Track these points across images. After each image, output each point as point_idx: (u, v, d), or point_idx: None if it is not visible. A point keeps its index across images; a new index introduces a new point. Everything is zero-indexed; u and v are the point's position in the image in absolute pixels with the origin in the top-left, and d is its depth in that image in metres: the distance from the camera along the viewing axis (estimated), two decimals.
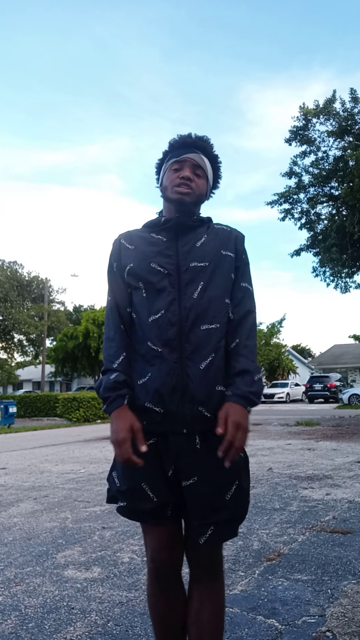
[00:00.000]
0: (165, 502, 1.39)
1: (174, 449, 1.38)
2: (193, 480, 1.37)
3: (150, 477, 1.38)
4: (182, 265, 1.44)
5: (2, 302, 26.31)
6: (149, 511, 1.39)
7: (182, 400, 1.36)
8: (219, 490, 1.38)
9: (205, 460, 1.37)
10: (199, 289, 1.42)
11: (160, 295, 1.42)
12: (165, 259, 1.45)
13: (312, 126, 15.84)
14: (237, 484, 1.40)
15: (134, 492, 1.40)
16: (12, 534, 3.63)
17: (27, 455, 8.45)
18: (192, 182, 1.50)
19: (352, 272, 16.93)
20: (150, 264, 1.44)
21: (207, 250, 1.48)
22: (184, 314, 1.40)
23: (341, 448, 7.82)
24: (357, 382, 37.65)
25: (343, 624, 2.07)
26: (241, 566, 2.80)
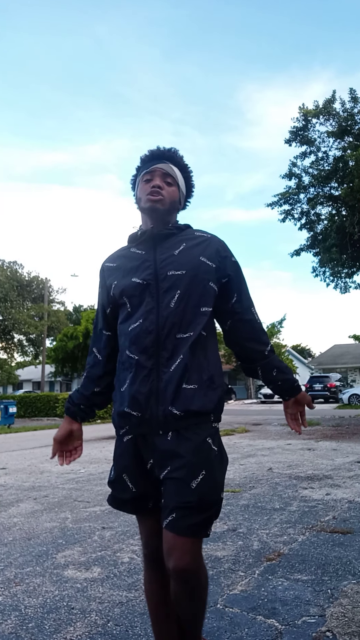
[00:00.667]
0: (143, 493, 1.50)
1: (151, 444, 1.47)
2: (167, 470, 1.43)
3: (130, 469, 1.51)
4: (160, 274, 1.48)
5: (2, 302, 26.30)
6: (129, 501, 1.52)
7: (156, 403, 1.43)
8: (186, 477, 1.39)
9: (175, 450, 1.42)
10: (175, 297, 1.46)
11: (141, 306, 1.48)
12: (145, 270, 1.50)
13: (312, 127, 15.84)
14: (204, 473, 1.40)
15: (117, 482, 1.54)
16: (12, 534, 3.63)
17: (27, 455, 8.45)
18: (163, 189, 1.54)
19: (352, 272, 16.93)
20: (132, 279, 1.51)
21: (185, 258, 1.50)
22: (161, 322, 1.45)
23: (341, 448, 7.82)
24: (357, 382, 37.64)
25: (343, 624, 2.07)
26: (241, 566, 2.80)
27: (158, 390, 1.43)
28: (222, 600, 2.36)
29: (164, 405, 1.42)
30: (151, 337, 1.44)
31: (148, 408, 1.43)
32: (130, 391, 1.46)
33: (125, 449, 1.51)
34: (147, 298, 1.47)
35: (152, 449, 1.47)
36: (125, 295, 1.52)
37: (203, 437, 1.45)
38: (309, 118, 15.65)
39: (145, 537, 1.58)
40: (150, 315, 1.45)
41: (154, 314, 1.45)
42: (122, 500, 1.54)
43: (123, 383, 1.50)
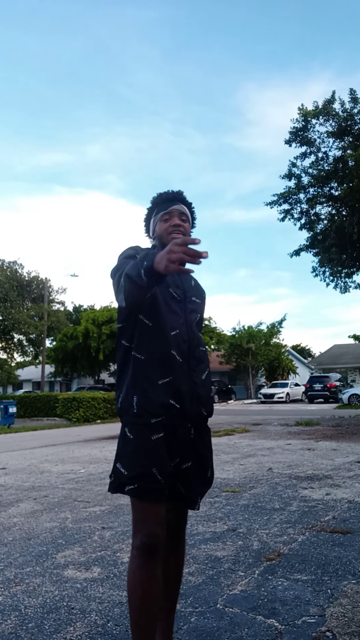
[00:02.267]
0: (166, 484, 1.66)
1: (179, 440, 1.70)
2: (190, 463, 1.73)
3: (160, 463, 1.64)
4: (187, 297, 1.85)
5: (2, 302, 26.27)
6: (156, 490, 1.63)
7: (192, 401, 1.73)
8: (205, 469, 1.81)
9: (196, 447, 1.76)
10: (197, 319, 1.87)
11: (175, 316, 1.76)
12: (177, 289, 1.83)
13: (312, 127, 15.85)
14: (211, 464, 1.85)
15: (144, 476, 1.63)
16: (12, 534, 3.63)
17: (27, 455, 8.45)
18: (181, 227, 1.83)
19: (352, 272, 16.94)
20: (169, 289, 1.79)
21: (197, 291, 1.94)
22: (190, 335, 1.78)
23: (341, 448, 7.82)
24: (356, 382, 37.64)
25: (343, 624, 2.07)
26: (241, 566, 2.81)
27: (194, 391, 1.74)
28: (222, 600, 2.36)
29: (198, 405, 1.75)
30: (186, 345, 1.75)
31: (187, 403, 1.70)
32: (176, 386, 1.68)
33: (155, 445, 1.64)
34: (179, 311, 1.78)
35: (179, 444, 1.69)
36: (162, 298, 1.74)
37: (209, 435, 1.86)
38: (309, 118, 15.65)
39: (151, 525, 1.64)
40: (183, 327, 1.76)
41: (185, 327, 1.77)
42: (149, 489, 1.63)
43: (162, 376, 1.68)
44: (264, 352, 36.42)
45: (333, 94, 15.28)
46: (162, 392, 1.67)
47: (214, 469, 1.90)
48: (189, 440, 1.74)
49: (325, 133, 15.70)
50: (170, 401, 1.67)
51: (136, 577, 1.63)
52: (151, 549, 1.63)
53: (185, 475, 1.73)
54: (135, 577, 1.64)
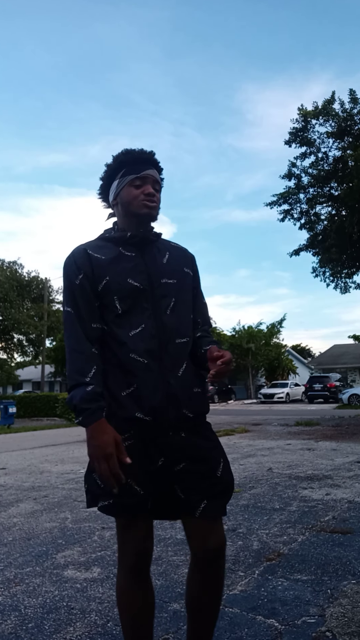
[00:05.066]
0: (148, 494, 1.46)
1: (161, 444, 1.48)
2: (183, 464, 1.48)
3: (135, 472, 1.42)
4: (154, 280, 1.53)
5: (1, 302, 26.27)
6: (134, 504, 1.44)
7: (168, 407, 1.46)
8: (211, 468, 1.51)
9: (192, 446, 1.50)
10: (171, 305, 1.54)
11: (138, 310, 1.49)
12: (139, 274, 1.52)
13: (312, 127, 15.85)
14: (222, 461, 1.54)
15: (120, 490, 1.41)
16: (12, 534, 3.63)
17: (27, 455, 8.45)
18: (155, 197, 1.57)
19: (352, 273, 16.95)
20: (127, 279, 1.50)
21: (173, 267, 1.60)
22: (160, 328, 1.50)
23: (341, 448, 7.82)
24: (356, 382, 37.64)
25: (343, 624, 2.07)
26: (241, 566, 2.80)
27: (172, 395, 1.46)
28: (222, 600, 2.36)
29: (177, 409, 1.47)
30: (155, 341, 1.48)
31: (161, 412, 1.45)
32: (140, 395, 1.44)
33: (132, 453, 1.42)
34: (144, 303, 1.50)
35: (162, 448, 1.47)
36: (117, 295, 1.48)
37: (210, 431, 1.59)
38: (309, 119, 15.66)
39: (136, 541, 1.49)
40: (149, 320, 1.49)
41: (152, 320, 1.49)
42: (126, 505, 1.44)
43: (125, 386, 1.45)
44: (264, 352, 36.41)
45: (333, 94, 15.30)
46: (127, 405, 1.44)
47: (230, 468, 1.58)
48: (177, 442, 1.49)
49: (325, 133, 15.71)
50: (136, 414, 1.43)
51: (124, 597, 1.53)
52: (140, 567, 1.51)
53: (183, 477, 1.49)
54: (125, 597, 1.53)
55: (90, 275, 1.50)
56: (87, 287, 1.50)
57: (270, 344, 37.46)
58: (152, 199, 1.56)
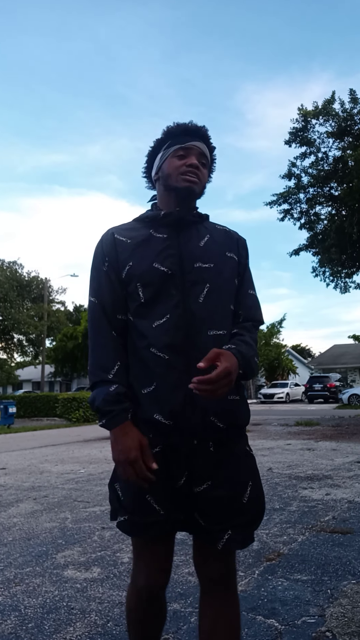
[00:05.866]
0: (169, 515, 1.29)
1: (184, 457, 1.29)
2: (207, 484, 1.28)
3: (156, 488, 1.27)
4: (186, 265, 1.34)
5: (1, 302, 26.29)
6: (152, 525, 1.28)
7: (192, 411, 1.26)
8: (235, 493, 1.31)
9: (219, 462, 1.30)
10: (204, 292, 1.33)
11: (164, 298, 1.31)
12: (168, 258, 1.34)
13: (312, 127, 15.87)
14: (251, 484, 1.34)
15: (137, 506, 1.28)
16: (12, 534, 3.63)
17: (27, 455, 8.44)
18: (199, 170, 1.41)
19: (352, 272, 16.96)
20: (153, 264, 1.33)
21: (212, 250, 1.40)
22: (189, 318, 1.30)
23: (341, 448, 7.82)
24: (356, 382, 37.64)
25: (343, 624, 2.07)
26: (241, 566, 2.80)
27: (194, 397, 1.23)
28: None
29: (206, 415, 1.27)
30: (181, 334, 1.28)
31: (183, 416, 1.26)
32: (161, 395, 1.27)
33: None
34: (171, 290, 1.32)
35: (186, 462, 1.29)
36: (141, 282, 1.33)
37: (244, 446, 1.38)
38: (309, 119, 15.67)
39: (150, 570, 1.34)
40: (177, 309, 1.30)
41: (181, 309, 1.30)
42: (145, 524, 1.28)
43: (145, 384, 1.30)
44: (264, 352, 36.39)
45: (333, 94, 15.32)
46: (146, 405, 1.29)
47: (261, 494, 1.37)
48: (203, 454, 1.29)
49: (325, 133, 15.72)
50: (155, 416, 1.27)
51: (135, 615, 1.44)
52: (153, 592, 1.37)
53: (202, 501, 1.29)
54: (134, 614, 1.44)
55: (114, 262, 1.37)
56: (113, 275, 1.37)
57: (270, 344, 37.45)
58: (194, 171, 1.39)
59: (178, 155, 1.40)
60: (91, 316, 1.39)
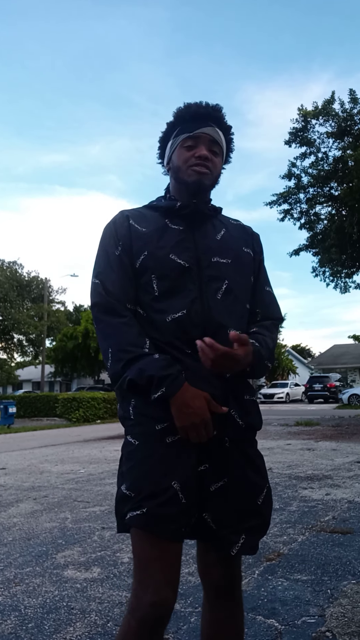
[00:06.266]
0: (190, 506, 1.18)
1: (205, 445, 1.21)
2: (224, 481, 1.22)
3: (182, 472, 1.17)
4: (203, 259, 1.29)
5: (1, 302, 26.29)
6: (175, 516, 1.15)
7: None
8: (251, 493, 1.26)
9: (236, 460, 1.25)
10: (223, 289, 1.29)
11: (180, 292, 1.25)
12: (185, 251, 1.29)
13: (312, 127, 15.87)
14: (267, 487, 1.31)
15: (159, 494, 1.15)
16: (12, 534, 3.63)
17: (27, 455, 8.44)
18: (210, 161, 1.32)
19: (352, 272, 16.97)
20: (169, 255, 1.27)
21: (229, 245, 1.36)
22: (207, 315, 1.25)
23: (341, 448, 7.82)
24: (356, 382, 37.64)
25: (343, 624, 2.07)
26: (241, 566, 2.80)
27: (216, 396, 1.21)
28: None
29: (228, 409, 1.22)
30: (198, 330, 1.22)
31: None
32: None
33: (175, 452, 1.18)
34: (188, 285, 1.26)
35: (207, 450, 1.21)
36: (156, 273, 1.26)
37: (256, 449, 1.34)
38: (309, 119, 15.68)
39: (158, 586, 1.13)
40: (194, 305, 1.24)
41: (199, 305, 1.25)
42: (166, 516, 1.15)
43: None
44: None
45: (333, 94, 15.34)
46: None
47: (271, 499, 1.32)
48: (220, 448, 1.23)
49: (325, 133, 15.73)
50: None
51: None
52: (158, 621, 1.14)
53: (216, 501, 1.21)
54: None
55: (128, 249, 1.29)
56: (126, 261, 1.28)
57: None
58: (204, 163, 1.31)
59: (187, 146, 1.33)
60: (97, 300, 1.27)
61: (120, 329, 1.22)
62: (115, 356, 1.20)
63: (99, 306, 1.26)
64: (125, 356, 1.19)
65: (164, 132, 1.39)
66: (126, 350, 1.19)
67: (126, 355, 1.19)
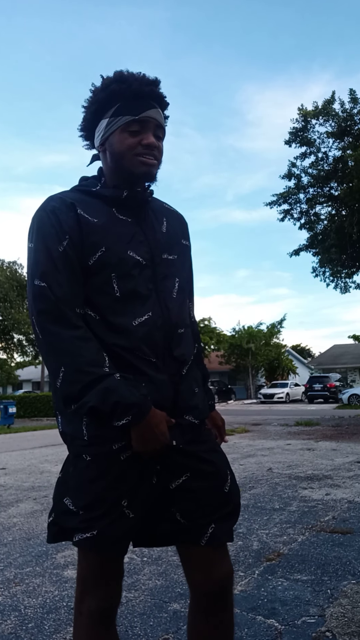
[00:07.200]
0: (137, 520, 1.16)
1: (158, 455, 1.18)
2: (185, 476, 1.19)
3: (134, 491, 1.14)
4: (155, 256, 1.20)
5: (1, 302, 26.30)
6: (123, 536, 1.15)
7: (173, 413, 1.18)
8: (218, 482, 1.22)
9: (194, 456, 1.21)
10: (176, 287, 1.23)
11: (141, 293, 1.16)
12: (140, 247, 1.18)
13: (312, 127, 15.88)
14: (229, 473, 1.27)
15: (109, 515, 1.11)
16: (12, 534, 3.63)
17: (26, 455, 8.45)
18: (157, 149, 1.21)
19: (352, 273, 16.97)
20: (127, 252, 1.16)
21: (173, 239, 1.28)
22: (166, 317, 1.19)
23: (341, 448, 7.82)
24: (356, 382, 37.65)
25: (343, 624, 2.07)
26: (241, 566, 2.80)
27: (178, 398, 1.19)
28: None
29: (181, 415, 1.19)
30: (161, 334, 1.17)
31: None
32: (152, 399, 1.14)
33: (128, 468, 1.14)
34: (147, 284, 1.17)
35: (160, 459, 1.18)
36: (116, 272, 1.14)
37: (213, 438, 1.34)
38: (309, 119, 15.68)
39: (110, 584, 1.18)
40: (155, 306, 1.17)
41: (158, 306, 1.18)
42: (116, 536, 1.13)
43: None
44: (264, 352, 36.42)
45: (333, 94, 15.34)
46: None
47: (237, 484, 1.29)
48: (182, 452, 1.20)
49: (325, 133, 15.73)
50: None
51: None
52: (108, 614, 1.19)
53: (180, 496, 1.19)
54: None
55: (78, 243, 1.13)
56: (74, 258, 1.13)
57: (270, 344, 37.48)
58: (153, 153, 1.20)
59: (130, 131, 1.18)
60: (44, 306, 1.10)
61: (75, 344, 1.08)
62: (71, 377, 1.07)
63: (46, 314, 1.09)
64: (85, 378, 1.06)
65: (92, 102, 1.22)
66: (84, 371, 1.06)
67: (85, 377, 1.06)
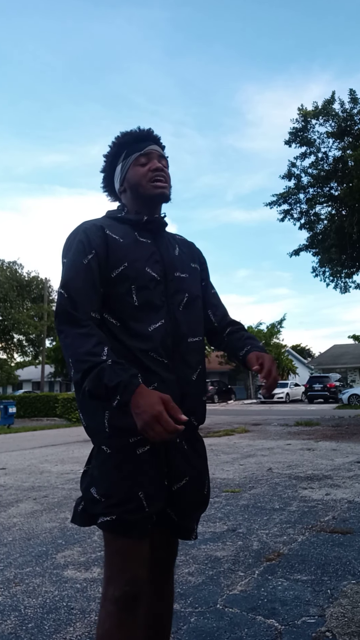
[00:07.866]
0: (152, 514, 1.29)
1: (170, 454, 1.34)
2: (185, 480, 1.36)
3: (148, 485, 1.27)
4: (168, 273, 1.41)
5: (1, 302, 26.27)
6: (141, 522, 1.27)
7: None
8: (201, 486, 1.43)
9: (191, 459, 1.39)
10: (184, 301, 1.43)
11: (155, 304, 1.35)
12: (156, 264, 1.38)
13: (312, 127, 15.86)
14: (207, 478, 1.47)
15: (127, 503, 1.25)
16: (12, 534, 3.63)
17: (26, 455, 8.45)
18: (165, 172, 1.44)
19: (352, 273, 16.96)
20: (145, 268, 1.36)
21: (184, 260, 1.50)
22: (175, 326, 1.38)
23: (341, 448, 7.82)
24: (356, 382, 37.63)
25: (343, 624, 2.07)
26: (241, 566, 2.80)
27: (182, 398, 1.32)
28: (221, 600, 2.36)
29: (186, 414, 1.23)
30: (170, 340, 1.35)
31: None
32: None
33: (142, 461, 1.28)
34: (160, 297, 1.37)
35: (170, 459, 1.34)
36: (136, 284, 1.33)
37: (203, 443, 1.49)
38: (309, 119, 15.67)
39: (135, 569, 1.27)
40: (167, 315, 1.37)
41: (168, 316, 1.37)
42: (133, 521, 1.26)
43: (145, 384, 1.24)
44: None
45: (333, 94, 15.31)
46: None
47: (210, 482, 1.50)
48: (181, 454, 1.36)
49: (325, 133, 15.72)
50: None
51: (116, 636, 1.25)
52: (134, 600, 1.26)
53: (178, 498, 1.35)
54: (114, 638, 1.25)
55: (104, 257, 1.32)
56: (96, 270, 1.31)
57: (270, 344, 37.44)
58: (162, 174, 1.42)
59: (140, 164, 1.42)
60: (60, 310, 1.27)
61: (78, 338, 1.23)
62: (75, 367, 1.22)
63: (60, 316, 1.27)
64: (82, 366, 1.20)
65: (108, 161, 1.49)
66: (83, 360, 1.20)
67: (83, 365, 1.20)
